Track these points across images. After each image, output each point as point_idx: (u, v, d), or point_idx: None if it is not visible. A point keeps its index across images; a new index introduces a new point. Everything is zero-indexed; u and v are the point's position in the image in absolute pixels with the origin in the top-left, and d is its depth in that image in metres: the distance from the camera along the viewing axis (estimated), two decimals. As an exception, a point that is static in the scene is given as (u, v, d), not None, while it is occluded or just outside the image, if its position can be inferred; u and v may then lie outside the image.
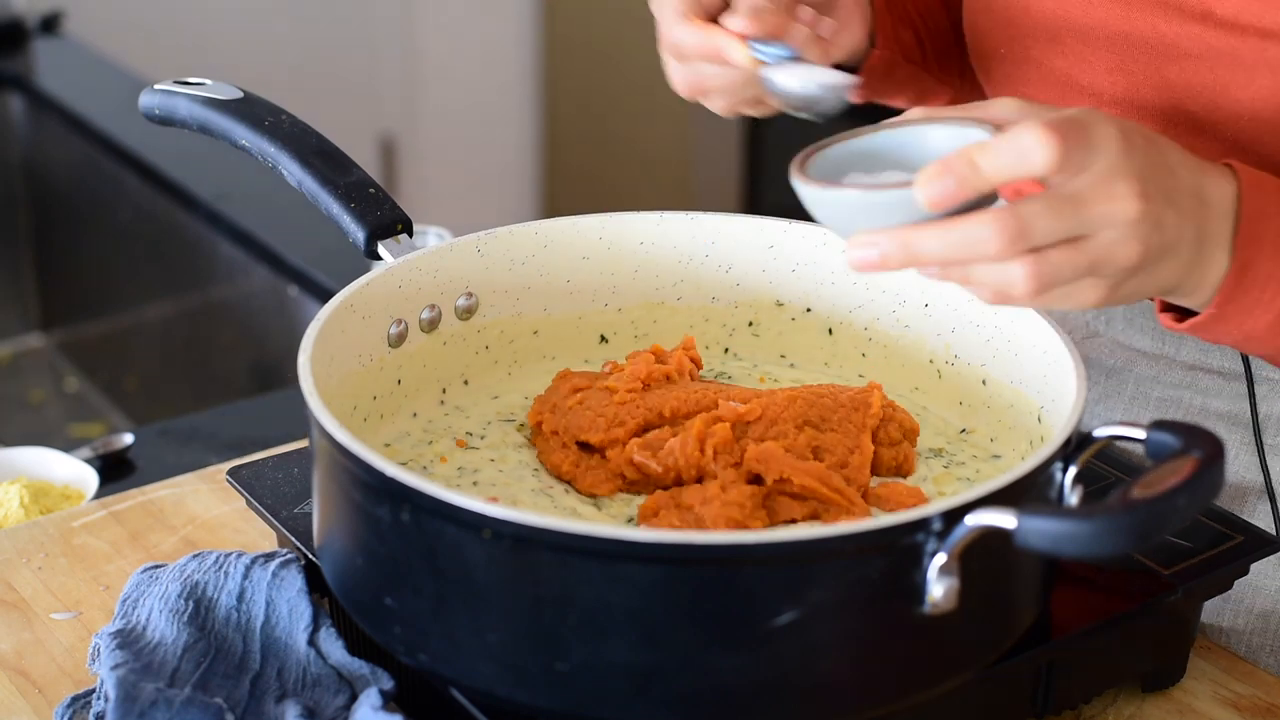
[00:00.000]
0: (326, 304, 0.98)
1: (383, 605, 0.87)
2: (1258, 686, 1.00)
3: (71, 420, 2.22)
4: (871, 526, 0.80)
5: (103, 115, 2.19)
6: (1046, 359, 0.98)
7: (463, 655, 0.85)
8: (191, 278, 2.05)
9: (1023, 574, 0.89)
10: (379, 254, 1.04)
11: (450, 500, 0.81)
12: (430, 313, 1.06)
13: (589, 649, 0.81)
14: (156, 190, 2.06)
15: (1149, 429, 0.86)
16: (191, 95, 1.10)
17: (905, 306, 1.09)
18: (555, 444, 0.99)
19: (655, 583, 0.80)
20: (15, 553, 1.11)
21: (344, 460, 0.86)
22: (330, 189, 1.05)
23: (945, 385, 1.07)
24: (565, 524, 0.80)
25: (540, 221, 1.10)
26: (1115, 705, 0.98)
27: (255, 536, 1.12)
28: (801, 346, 1.12)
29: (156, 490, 1.18)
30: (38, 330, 2.40)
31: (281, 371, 1.89)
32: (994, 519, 0.79)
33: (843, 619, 0.82)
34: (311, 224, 1.85)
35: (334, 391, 0.96)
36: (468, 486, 0.98)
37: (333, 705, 0.91)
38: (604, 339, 1.13)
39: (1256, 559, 1.00)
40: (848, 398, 1.01)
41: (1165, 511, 0.78)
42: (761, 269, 1.12)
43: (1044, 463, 0.86)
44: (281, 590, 0.96)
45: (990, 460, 1.02)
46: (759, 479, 0.94)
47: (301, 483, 1.03)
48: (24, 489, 1.25)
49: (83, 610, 1.05)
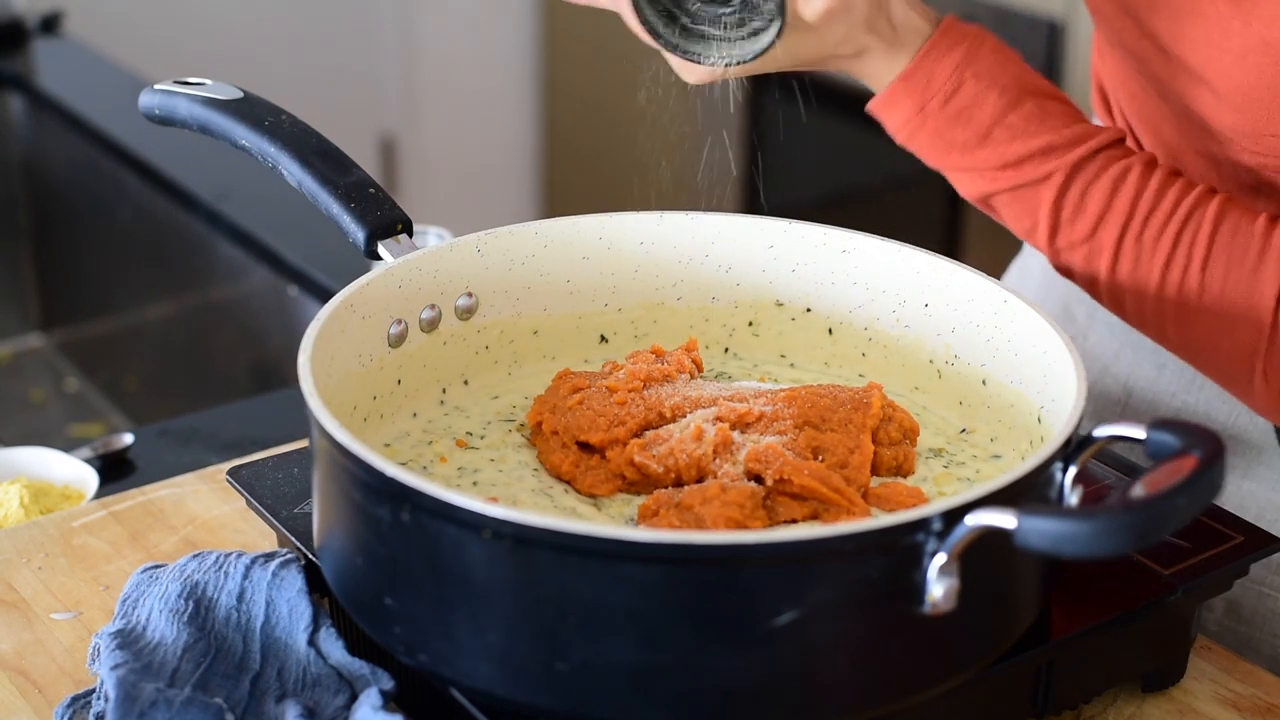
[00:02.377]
0: (326, 304, 0.98)
1: (383, 605, 0.87)
2: (1258, 686, 1.00)
3: (71, 420, 2.22)
4: (871, 526, 0.80)
5: (103, 115, 2.19)
6: (1046, 359, 0.98)
7: (463, 655, 0.85)
8: (191, 278, 2.05)
9: (1023, 574, 0.89)
10: (379, 254, 1.04)
11: (450, 500, 0.81)
12: (430, 313, 1.06)
13: (589, 649, 0.81)
14: (156, 190, 2.06)
15: (1149, 429, 0.86)
16: (191, 95, 1.11)
17: (905, 306, 1.09)
18: (555, 444, 0.99)
19: (655, 583, 0.80)
20: (15, 553, 1.11)
21: (344, 460, 0.86)
22: (330, 189, 1.05)
23: (945, 385, 1.07)
24: (565, 524, 0.80)
25: (540, 221, 1.10)
26: (1115, 705, 0.98)
27: (255, 536, 1.12)
28: (801, 346, 1.12)
29: (156, 490, 1.18)
30: (38, 330, 2.40)
31: (281, 371, 1.89)
32: (994, 519, 0.79)
33: (843, 619, 0.82)
34: (311, 224, 1.85)
35: (334, 391, 0.96)
36: (468, 486, 0.98)
37: (333, 705, 0.91)
38: (604, 339, 1.13)
39: (1256, 559, 1.00)
40: (848, 398, 1.01)
41: (1165, 511, 0.78)
42: (761, 269, 1.12)
43: (1044, 463, 0.86)
44: (281, 590, 0.96)
45: (990, 460, 1.02)
46: (759, 479, 0.94)
47: (301, 483, 1.03)
48: (24, 489, 1.25)
49: (83, 610, 1.05)
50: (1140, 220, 1.04)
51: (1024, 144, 1.05)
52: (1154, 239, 1.04)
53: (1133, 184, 1.05)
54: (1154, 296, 1.05)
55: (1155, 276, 1.04)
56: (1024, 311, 1.01)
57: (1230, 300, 1.03)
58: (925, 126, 1.07)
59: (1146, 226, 1.04)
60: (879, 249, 1.09)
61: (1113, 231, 1.05)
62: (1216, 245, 1.03)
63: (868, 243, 1.09)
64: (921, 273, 1.08)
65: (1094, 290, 1.08)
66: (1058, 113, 1.06)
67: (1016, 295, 1.02)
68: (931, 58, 1.05)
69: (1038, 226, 1.07)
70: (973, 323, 1.05)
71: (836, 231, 1.10)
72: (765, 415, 0.99)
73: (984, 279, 1.05)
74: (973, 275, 1.05)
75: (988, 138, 1.06)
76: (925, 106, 1.06)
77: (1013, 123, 1.05)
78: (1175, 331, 1.06)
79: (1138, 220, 1.04)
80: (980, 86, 1.05)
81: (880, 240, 1.09)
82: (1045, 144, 1.05)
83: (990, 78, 1.05)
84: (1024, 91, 1.06)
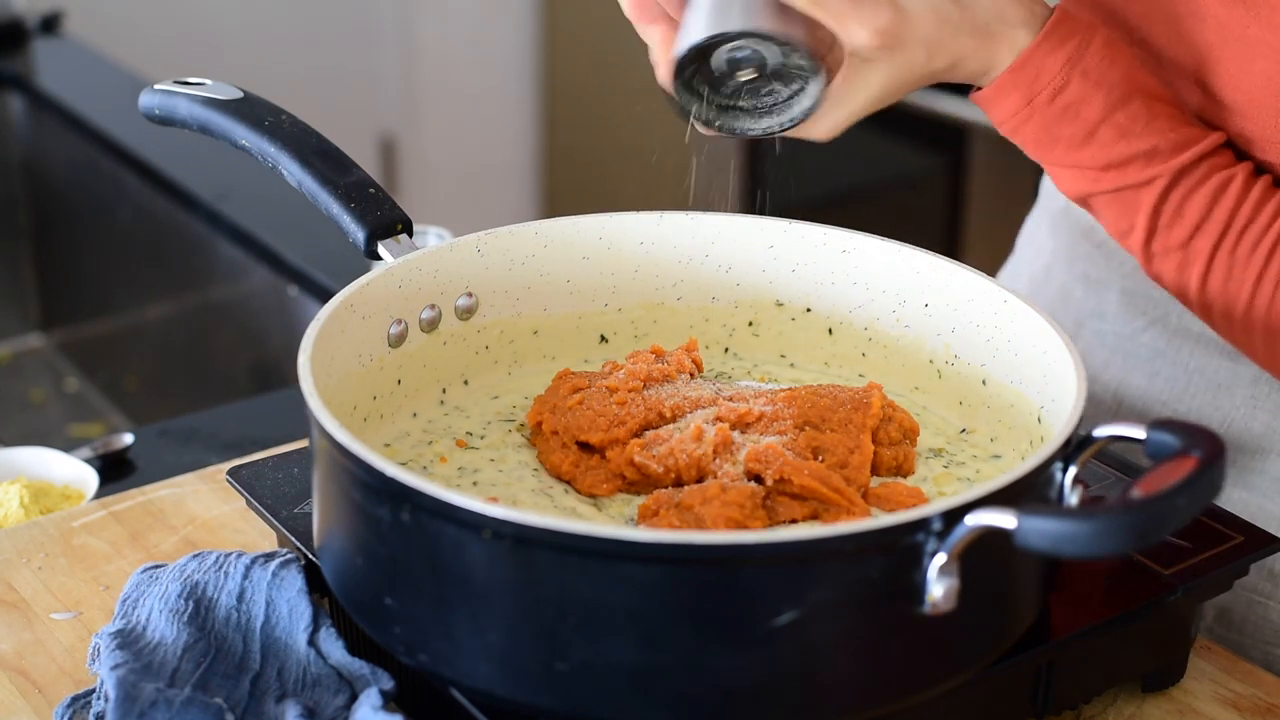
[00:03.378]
0: (326, 304, 0.98)
1: (383, 605, 0.87)
2: (1258, 686, 1.00)
3: (71, 420, 2.22)
4: (871, 526, 0.80)
5: (103, 115, 2.19)
6: (1046, 359, 0.98)
7: (463, 655, 0.85)
8: (191, 278, 2.05)
9: (1023, 574, 0.89)
10: (379, 254, 1.04)
11: (450, 500, 0.81)
12: (430, 313, 1.06)
13: (589, 649, 0.81)
14: (156, 190, 2.06)
15: (1149, 429, 0.86)
16: (191, 95, 1.11)
17: (905, 306, 1.09)
18: (555, 444, 0.99)
19: (655, 583, 0.80)
20: (15, 553, 1.11)
21: (344, 460, 0.86)
22: (330, 189, 1.05)
23: (945, 385, 1.07)
24: (565, 524, 0.80)
25: (540, 221, 1.10)
26: (1115, 705, 0.98)
27: (255, 536, 1.12)
28: (801, 346, 1.12)
29: (156, 490, 1.18)
30: (38, 330, 2.40)
31: (281, 371, 1.89)
32: (994, 519, 0.79)
33: (843, 619, 0.82)
34: (311, 224, 1.85)
35: (334, 391, 0.96)
36: (468, 486, 0.98)
37: (333, 705, 0.91)
38: (604, 339, 1.13)
39: (1256, 559, 1.00)
40: (848, 398, 1.01)
41: (1165, 511, 0.78)
42: (761, 269, 1.12)
43: (1044, 463, 0.86)
44: (281, 590, 0.96)
45: (990, 460, 1.02)
46: (759, 479, 0.94)
47: (301, 483, 1.03)
48: (24, 489, 1.25)
49: (83, 610, 1.05)
50: (1236, 233, 1.02)
51: (1129, 145, 1.03)
52: (1248, 253, 1.02)
53: (1233, 195, 1.02)
54: (1243, 312, 1.03)
55: (1246, 292, 1.03)
56: (1024, 311, 1.01)
57: None
58: (1032, 120, 1.04)
59: (1241, 240, 1.02)
60: (879, 249, 1.09)
61: (1208, 242, 1.03)
62: None
63: (868, 243, 1.09)
64: (921, 273, 1.08)
65: (1185, 299, 1.06)
66: (1165, 114, 1.04)
67: (1016, 295, 1.02)
68: (1042, 51, 1.03)
69: (1134, 229, 1.05)
70: (973, 323, 1.05)
71: (836, 231, 1.10)
72: (765, 415, 0.99)
73: (984, 279, 1.05)
74: (973, 275, 1.05)
75: (1093, 136, 1.03)
76: (1033, 100, 1.03)
77: (1119, 121, 1.03)
78: (1264, 348, 1.04)
79: (1234, 233, 1.02)
80: (1088, 84, 1.03)
81: (880, 240, 1.09)
82: (1150, 146, 1.03)
83: (1099, 74, 1.03)
84: (1132, 90, 1.03)
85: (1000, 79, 1.03)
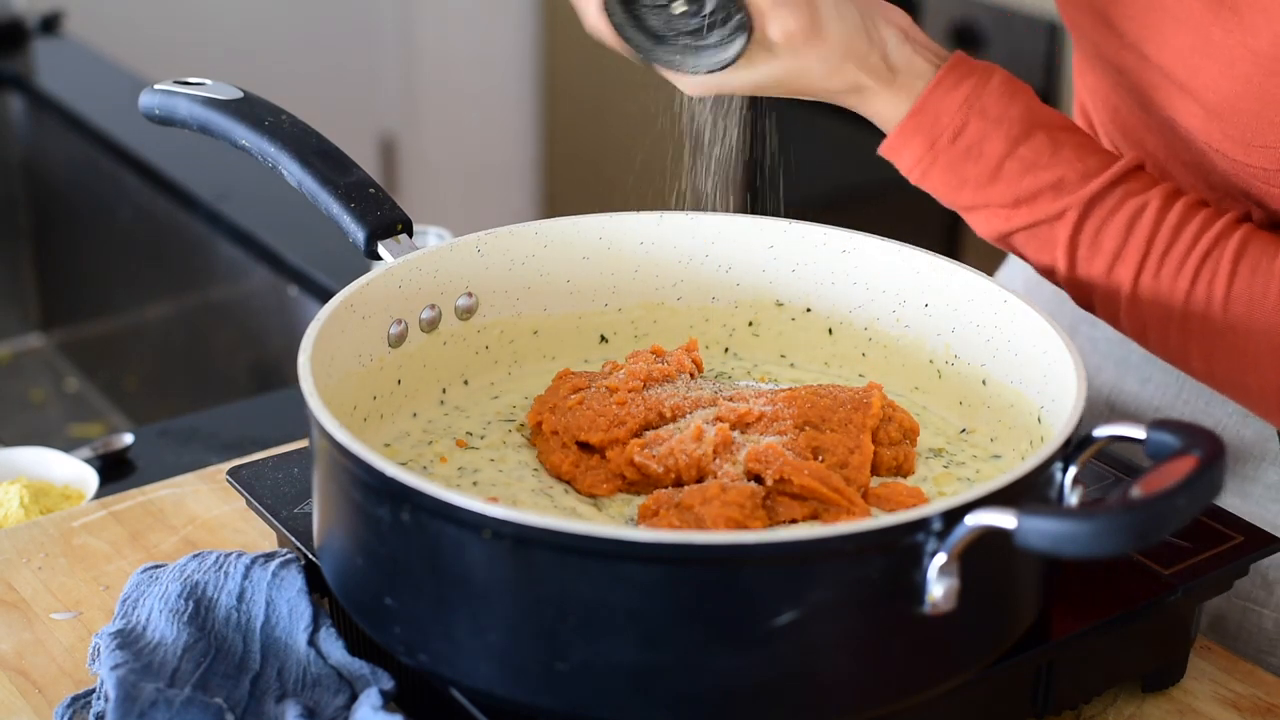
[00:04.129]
0: (326, 304, 0.98)
1: (383, 605, 0.87)
2: (1258, 686, 1.00)
3: (71, 420, 2.22)
4: (871, 526, 0.80)
5: (103, 115, 2.19)
6: (1046, 359, 0.98)
7: (463, 655, 0.85)
8: (191, 278, 2.05)
9: (1023, 574, 0.89)
10: (379, 254, 1.04)
11: (450, 500, 0.81)
12: (430, 313, 1.06)
13: (589, 649, 0.81)
14: (156, 190, 2.06)
15: (1149, 429, 0.86)
16: (191, 95, 1.11)
17: (905, 306, 1.09)
18: (555, 444, 0.99)
19: (655, 583, 0.80)
20: (15, 553, 1.11)
21: (344, 460, 0.86)
22: (330, 189, 1.05)
23: (945, 385, 1.07)
24: (565, 524, 0.80)
25: (540, 221, 1.10)
26: (1115, 705, 0.98)
27: (255, 536, 1.12)
28: (801, 346, 1.12)
29: (156, 490, 1.18)
30: (38, 330, 2.40)
31: (281, 371, 1.89)
32: (994, 519, 0.79)
33: (843, 619, 0.82)
34: (311, 224, 1.85)
35: (334, 391, 0.96)
36: (468, 486, 0.98)
37: (333, 705, 0.91)
38: (604, 339, 1.13)
39: (1256, 559, 1.00)
40: (848, 398, 1.01)
41: (1165, 511, 0.78)
42: (761, 269, 1.12)
43: (1044, 463, 0.86)
44: (281, 590, 0.96)
45: (990, 460, 1.02)
46: (759, 479, 0.94)
47: (301, 483, 1.03)
48: (24, 489, 1.25)
49: (83, 610, 1.05)
50: (1157, 258, 1.02)
51: (1036, 178, 1.03)
52: (1171, 277, 1.02)
53: (1149, 219, 1.02)
54: (1176, 332, 1.03)
55: (1175, 315, 1.02)
56: (1024, 311, 1.01)
57: (1254, 338, 1.01)
58: (936, 164, 1.05)
59: (1164, 264, 1.02)
60: (879, 249, 1.09)
61: (1129, 270, 1.03)
62: (1237, 284, 1.00)
63: (868, 243, 1.09)
64: (921, 273, 1.08)
65: (1118, 328, 1.06)
66: (1071, 144, 1.04)
67: (1016, 295, 1.02)
68: (938, 94, 1.04)
69: (1056, 265, 1.05)
70: (973, 323, 1.05)
71: (836, 231, 1.10)
72: (765, 415, 0.99)
73: (984, 279, 1.05)
74: (973, 275, 1.05)
75: (999, 172, 1.03)
76: (935, 143, 1.04)
77: (1023, 156, 1.03)
78: (1200, 366, 1.04)
79: (1154, 258, 1.02)
80: (987, 122, 1.03)
81: (880, 240, 1.09)
82: (1057, 178, 1.03)
83: (998, 112, 1.03)
84: (1034, 124, 1.03)
85: (901, 125, 1.05)
